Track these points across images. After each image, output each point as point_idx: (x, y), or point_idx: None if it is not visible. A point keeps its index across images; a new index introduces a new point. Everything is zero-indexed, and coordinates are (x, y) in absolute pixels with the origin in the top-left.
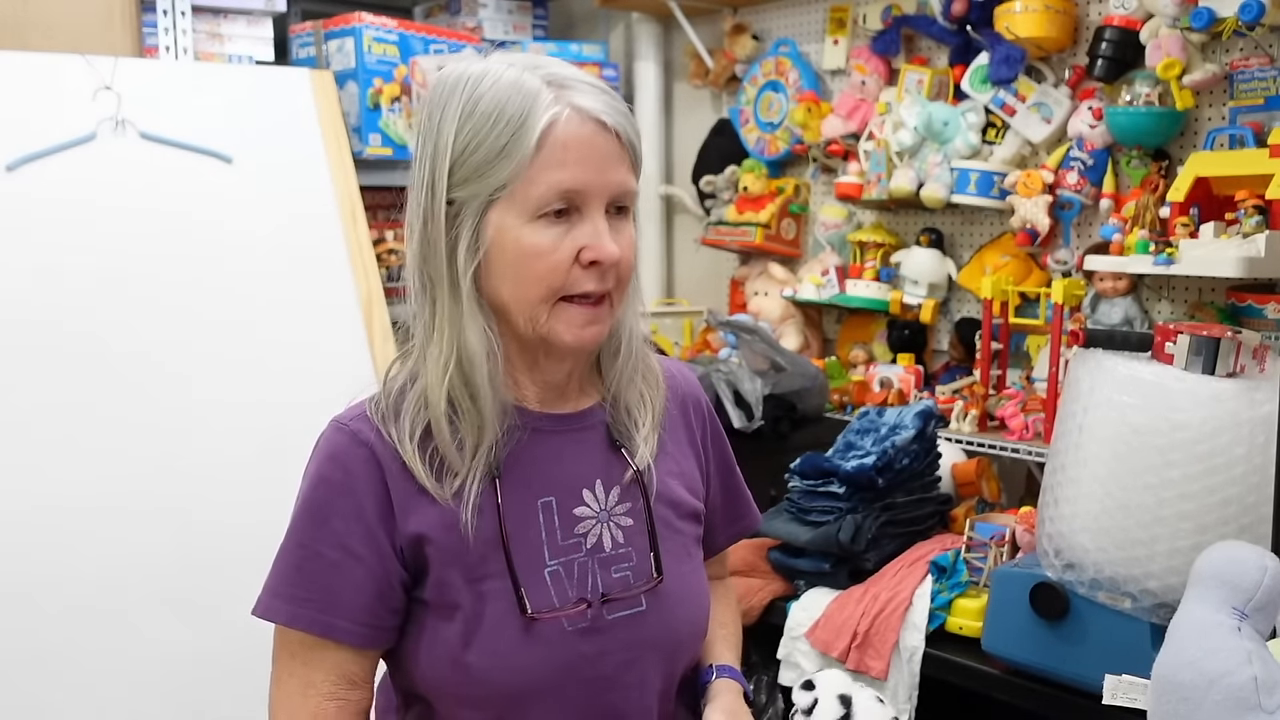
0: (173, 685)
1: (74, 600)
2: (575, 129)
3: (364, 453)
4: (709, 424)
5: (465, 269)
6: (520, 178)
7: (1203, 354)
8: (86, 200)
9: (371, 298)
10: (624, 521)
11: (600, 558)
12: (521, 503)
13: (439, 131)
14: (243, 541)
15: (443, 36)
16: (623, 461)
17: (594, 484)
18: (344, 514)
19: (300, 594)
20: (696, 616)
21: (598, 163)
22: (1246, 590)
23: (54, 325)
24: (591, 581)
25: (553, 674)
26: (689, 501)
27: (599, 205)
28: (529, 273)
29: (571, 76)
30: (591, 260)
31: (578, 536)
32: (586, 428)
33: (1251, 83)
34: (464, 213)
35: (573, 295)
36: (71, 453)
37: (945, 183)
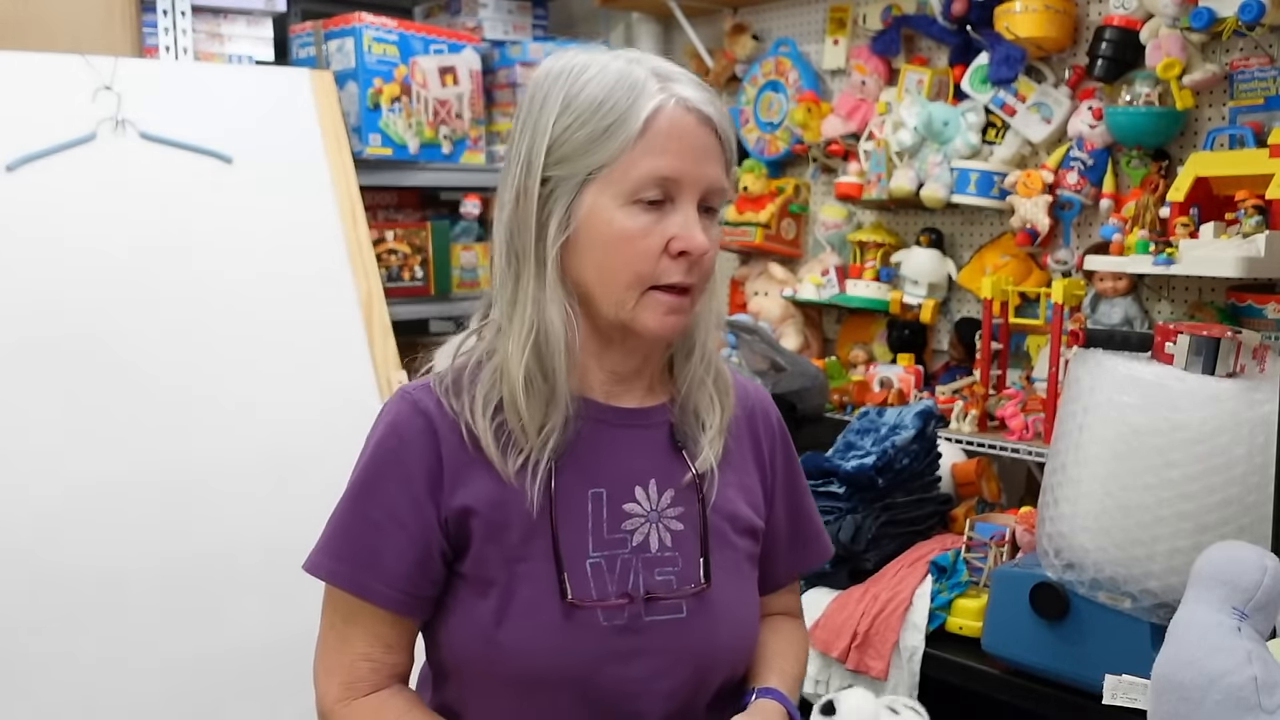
0: (173, 685)
1: (74, 600)
2: (679, 119)
3: (422, 422)
4: (779, 443)
5: (553, 246)
6: (621, 159)
7: (1203, 354)
8: (86, 200)
9: (371, 298)
10: (674, 525)
11: (645, 558)
12: (572, 490)
13: (540, 112)
14: (243, 541)
15: (443, 36)
16: (683, 464)
17: (648, 482)
18: (395, 480)
19: (344, 553)
20: (740, 634)
21: (696, 155)
22: (1246, 590)
23: (53, 325)
24: (634, 580)
25: (582, 665)
26: (748, 516)
27: (692, 197)
28: (617, 257)
29: (675, 71)
30: (680, 251)
31: (624, 533)
32: (649, 425)
33: (1251, 83)
34: (558, 190)
35: (660, 285)
36: (71, 452)
37: (945, 183)
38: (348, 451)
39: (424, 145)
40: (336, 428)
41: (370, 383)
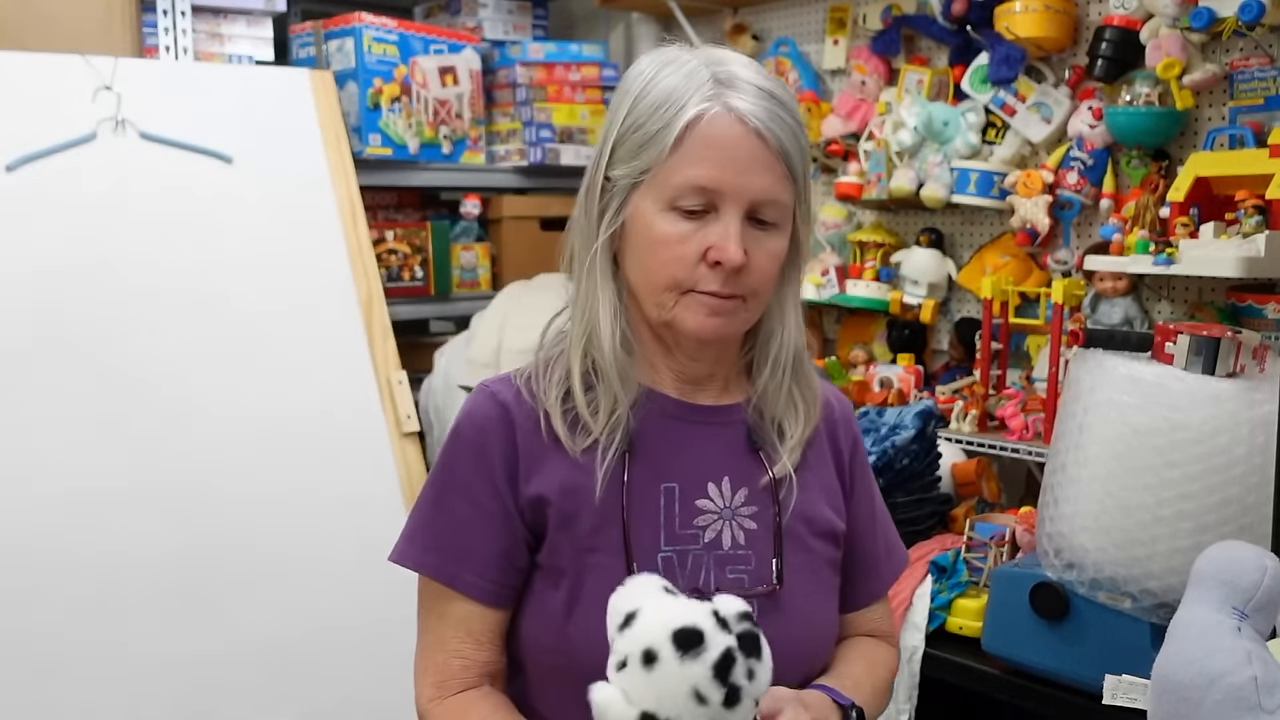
0: (173, 685)
1: (74, 600)
2: (721, 128)
3: (499, 411)
4: (857, 454)
5: (601, 243)
6: (660, 165)
7: (1203, 354)
8: (86, 200)
9: (371, 298)
10: (748, 524)
11: (717, 555)
12: (645, 483)
13: (615, 111)
14: (243, 540)
15: (443, 36)
16: (760, 465)
17: (721, 480)
18: (475, 470)
19: (431, 543)
20: (814, 640)
21: (739, 165)
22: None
23: (53, 325)
24: (704, 577)
25: None
26: (828, 519)
27: (735, 208)
28: (654, 260)
29: (742, 78)
30: (715, 261)
31: (696, 529)
32: (724, 423)
33: (1251, 83)
34: (614, 190)
35: (699, 291)
36: (71, 452)
37: (945, 183)
38: (348, 451)
39: (424, 145)
40: (337, 427)
41: (370, 383)
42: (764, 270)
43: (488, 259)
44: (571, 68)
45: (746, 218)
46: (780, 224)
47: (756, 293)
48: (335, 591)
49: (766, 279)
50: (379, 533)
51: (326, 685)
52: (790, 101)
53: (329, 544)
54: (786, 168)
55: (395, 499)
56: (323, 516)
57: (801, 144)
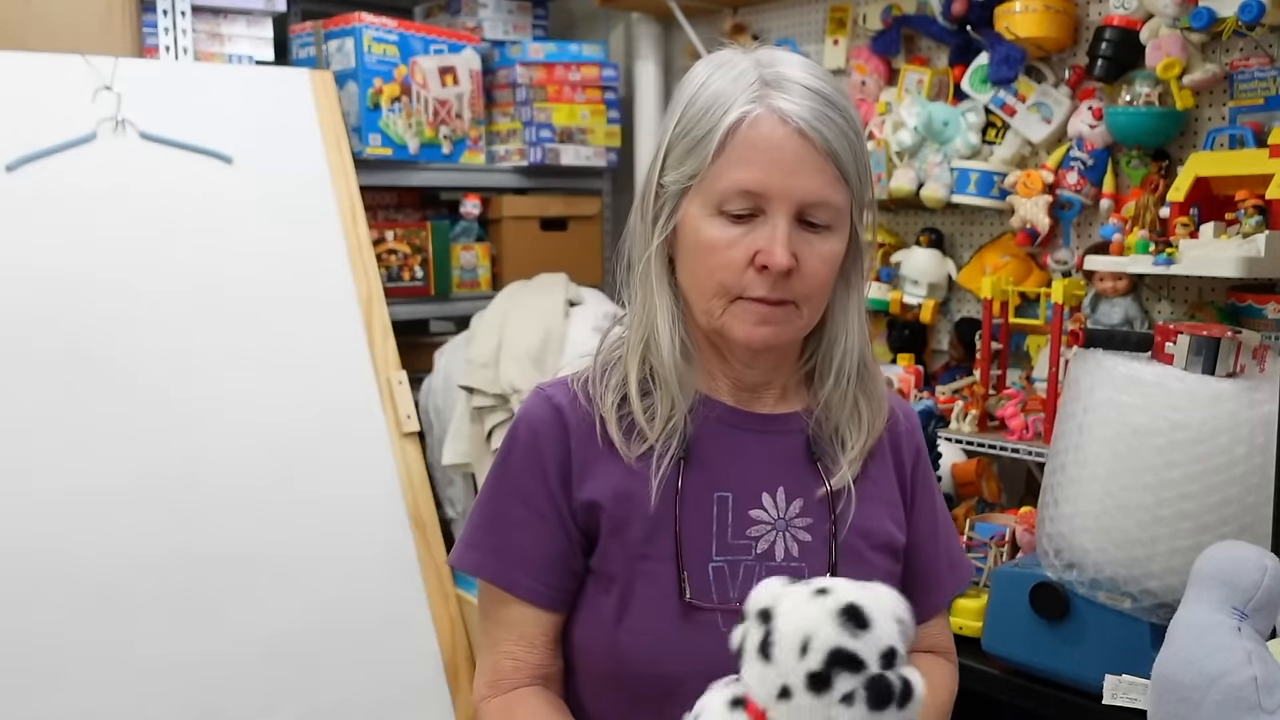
0: (173, 685)
1: (73, 600)
2: (766, 130)
3: (553, 415)
4: (920, 465)
5: (655, 249)
6: (707, 170)
7: (1203, 354)
8: (86, 200)
9: (371, 298)
10: (802, 536)
11: (770, 565)
12: (698, 491)
13: (669, 115)
14: (244, 540)
15: (443, 36)
16: (817, 476)
17: (776, 490)
18: (530, 473)
19: (489, 545)
20: None
21: (786, 167)
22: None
23: (54, 325)
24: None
25: (698, 670)
26: (888, 532)
27: (783, 211)
28: (702, 265)
29: (791, 78)
30: (762, 265)
31: (749, 539)
32: (782, 432)
33: (1251, 83)
34: (666, 196)
35: (748, 297)
36: (71, 452)
37: (945, 183)
38: (348, 451)
39: (424, 145)
40: (337, 427)
41: (370, 383)
42: (816, 274)
43: (488, 259)
44: (571, 68)
45: (796, 220)
46: (834, 226)
47: (809, 298)
48: (336, 591)
49: (819, 283)
50: (379, 533)
51: (327, 685)
52: (842, 101)
53: (329, 543)
54: (837, 168)
55: (395, 499)
56: (323, 516)
57: (854, 145)
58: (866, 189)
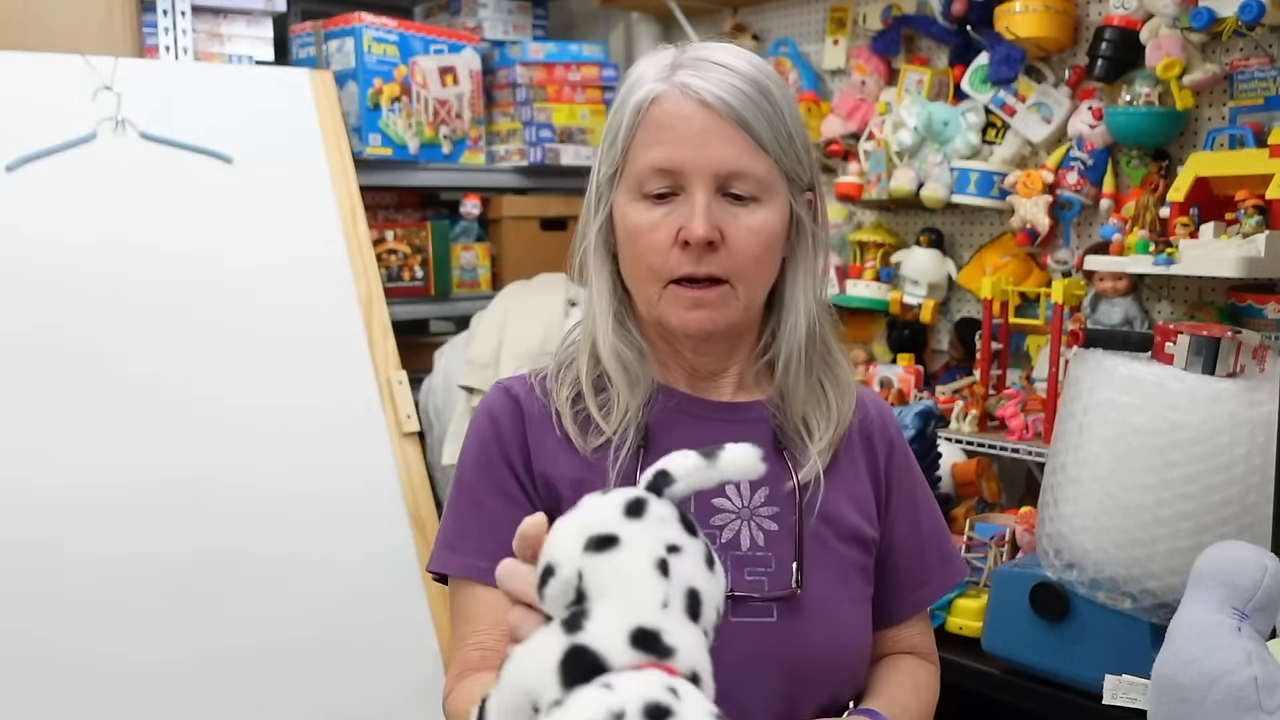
0: (173, 685)
1: (75, 601)
2: (671, 107)
3: (511, 404)
4: (899, 458)
5: (594, 244)
6: (624, 156)
7: (1203, 354)
8: (86, 200)
9: (371, 298)
10: (768, 525)
11: (735, 555)
12: None
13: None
14: (243, 540)
15: (443, 36)
16: (783, 465)
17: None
18: (495, 459)
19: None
20: (839, 647)
21: (694, 139)
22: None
23: (53, 325)
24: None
25: None
26: (854, 523)
27: (702, 185)
28: (632, 252)
29: (708, 59)
30: (685, 240)
31: (713, 528)
32: (744, 420)
33: (1251, 83)
34: (603, 193)
35: (678, 278)
36: (70, 452)
37: (945, 183)
38: (348, 451)
39: (424, 145)
40: (337, 428)
41: (370, 383)
42: (745, 247)
43: (488, 259)
44: (571, 68)
45: (719, 194)
46: (761, 198)
47: (741, 274)
48: (335, 591)
49: (751, 258)
50: (379, 533)
51: (327, 685)
52: (762, 80)
53: (329, 543)
54: (751, 138)
55: (395, 499)
56: (323, 516)
57: (771, 117)
58: (803, 169)
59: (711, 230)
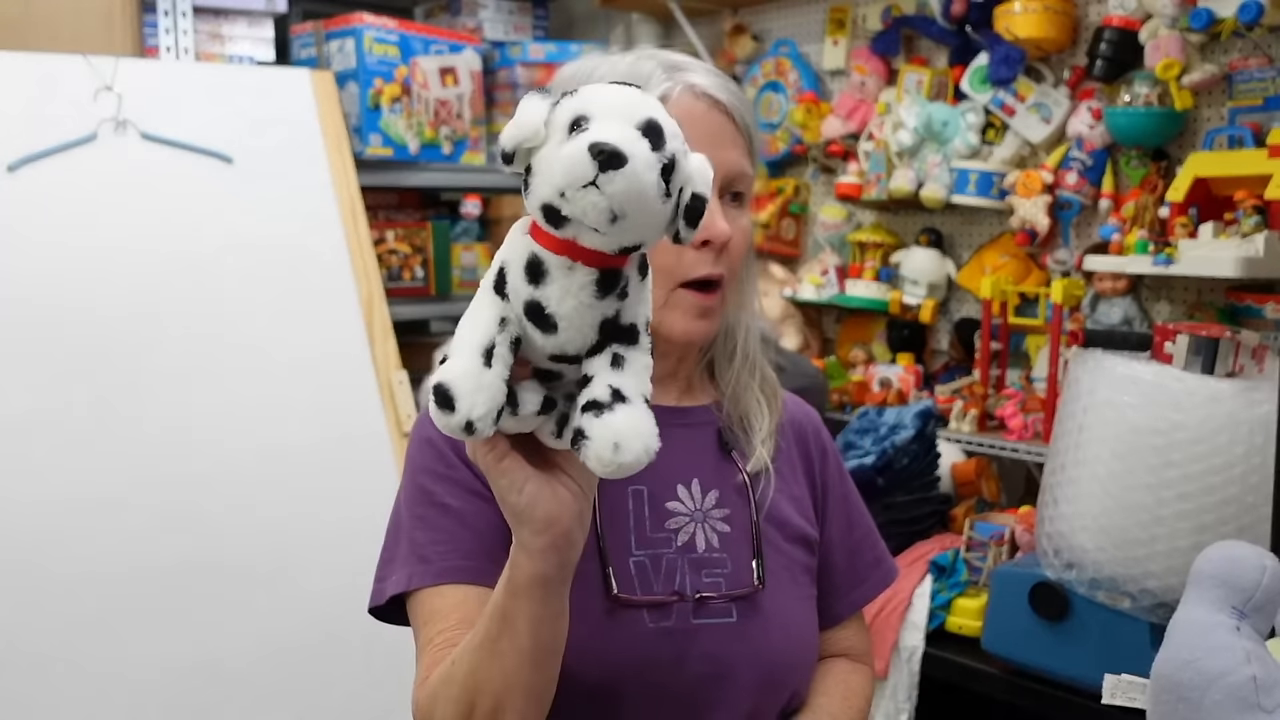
0: (172, 690)
1: (70, 605)
2: (687, 106)
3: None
4: (831, 460)
5: None
6: None
7: (1202, 354)
8: (87, 200)
9: (372, 298)
10: (721, 526)
11: (691, 558)
12: (612, 485)
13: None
14: (243, 541)
15: (443, 37)
16: (731, 465)
17: (690, 482)
18: (457, 464)
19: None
20: (797, 644)
21: (708, 141)
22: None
23: (54, 326)
24: (680, 580)
25: (631, 671)
26: (799, 524)
27: (715, 185)
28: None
29: (685, 60)
30: (704, 240)
31: (668, 531)
32: (691, 424)
33: (1250, 83)
34: None
35: (689, 281)
36: (71, 453)
37: (945, 183)
38: (348, 453)
39: (424, 145)
40: (336, 429)
41: (370, 383)
42: (740, 249)
43: (488, 259)
44: None
45: (719, 195)
46: (747, 200)
47: (734, 274)
48: (335, 593)
49: (742, 259)
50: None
51: (326, 687)
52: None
53: (329, 544)
54: (747, 140)
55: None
56: (323, 517)
57: (753, 115)
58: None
59: (730, 229)
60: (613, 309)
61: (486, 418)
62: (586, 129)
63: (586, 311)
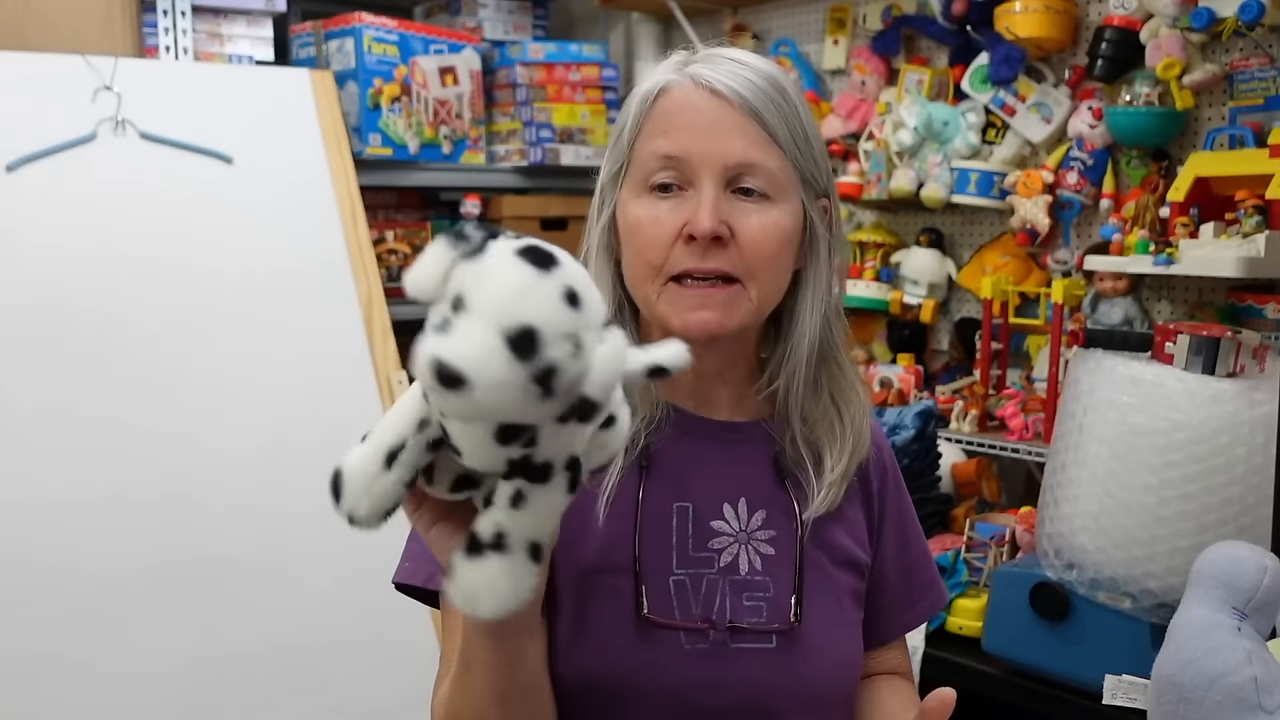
0: (174, 688)
1: (72, 604)
2: (680, 96)
3: None
4: (890, 482)
5: (596, 248)
6: (630, 151)
7: (1203, 354)
8: (86, 200)
9: (371, 298)
10: (765, 549)
11: (733, 580)
12: (658, 501)
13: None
14: (242, 541)
15: (443, 36)
16: (780, 488)
17: (737, 500)
18: None
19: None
20: (840, 674)
21: (704, 128)
22: (1246, 590)
23: (53, 326)
24: (720, 603)
25: (660, 691)
26: (848, 548)
27: (710, 178)
28: (631, 248)
29: (717, 54)
30: (690, 235)
31: (711, 551)
32: (742, 441)
33: (1251, 83)
34: (607, 193)
35: (679, 274)
36: (70, 453)
37: (945, 183)
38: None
39: (424, 145)
40: (336, 429)
41: (370, 383)
42: (756, 244)
43: None
44: (571, 68)
45: (729, 189)
46: (773, 195)
47: (752, 272)
48: (335, 592)
49: (763, 256)
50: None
51: (326, 686)
52: (779, 77)
53: (328, 543)
54: (764, 131)
55: None
56: (322, 517)
57: (785, 112)
58: (819, 171)
59: (719, 224)
60: (518, 453)
61: (368, 519)
62: (452, 324)
63: (485, 450)
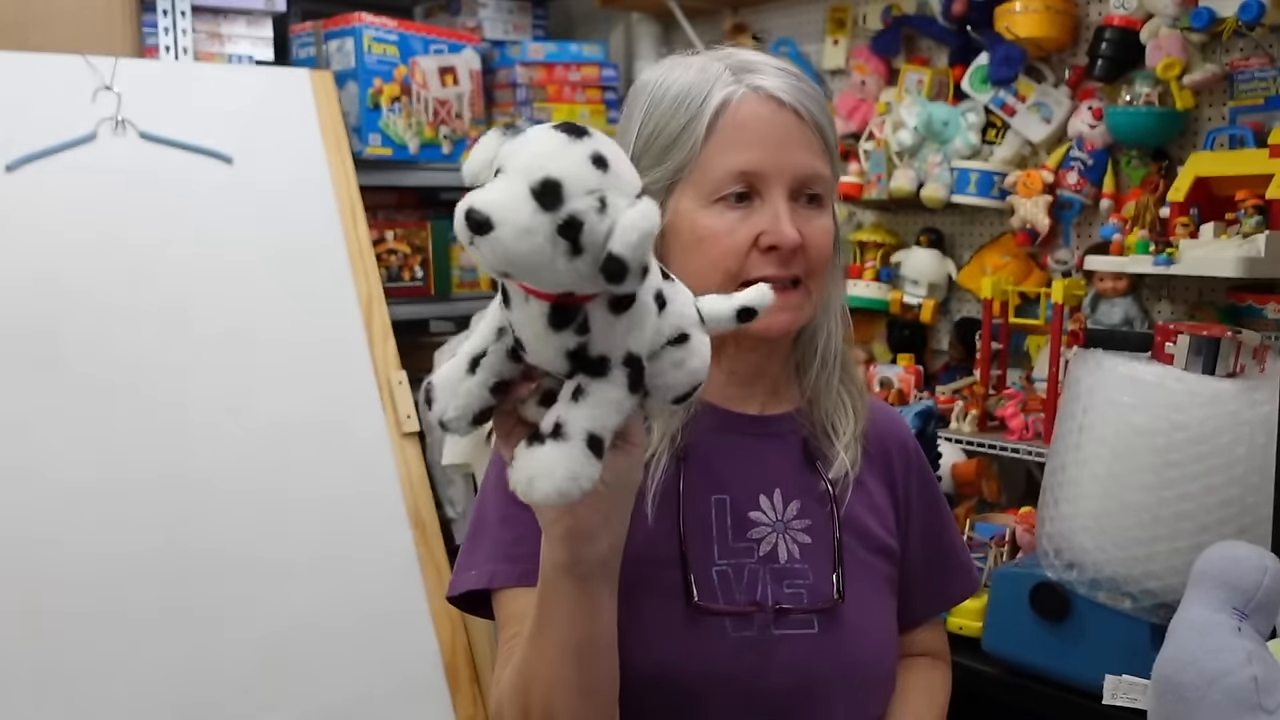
0: (175, 686)
1: (70, 606)
2: (752, 109)
3: None
4: (915, 469)
5: None
6: (696, 160)
7: (1203, 354)
8: (86, 200)
9: (371, 298)
10: (802, 537)
11: (773, 568)
12: (697, 494)
13: (628, 124)
14: (243, 541)
15: (443, 36)
16: (814, 476)
17: (772, 491)
18: None
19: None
20: (880, 655)
21: (777, 143)
22: (1246, 590)
23: (52, 325)
24: (762, 590)
25: (714, 680)
26: (880, 536)
27: (780, 188)
28: (703, 258)
29: (759, 61)
30: (770, 245)
31: (750, 541)
32: (774, 434)
33: (1251, 83)
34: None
35: (753, 280)
36: (69, 453)
37: (945, 183)
38: (348, 453)
39: (424, 145)
40: (336, 429)
41: (370, 384)
42: (820, 249)
43: None
44: (571, 68)
45: (792, 197)
46: (825, 200)
47: (815, 273)
48: (335, 591)
49: (824, 259)
50: (379, 533)
51: (326, 685)
52: (813, 85)
53: (329, 543)
54: (822, 140)
55: (395, 499)
56: (322, 516)
57: (830, 117)
58: (837, 164)
59: (799, 235)
60: (573, 342)
61: (458, 420)
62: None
63: (544, 340)
